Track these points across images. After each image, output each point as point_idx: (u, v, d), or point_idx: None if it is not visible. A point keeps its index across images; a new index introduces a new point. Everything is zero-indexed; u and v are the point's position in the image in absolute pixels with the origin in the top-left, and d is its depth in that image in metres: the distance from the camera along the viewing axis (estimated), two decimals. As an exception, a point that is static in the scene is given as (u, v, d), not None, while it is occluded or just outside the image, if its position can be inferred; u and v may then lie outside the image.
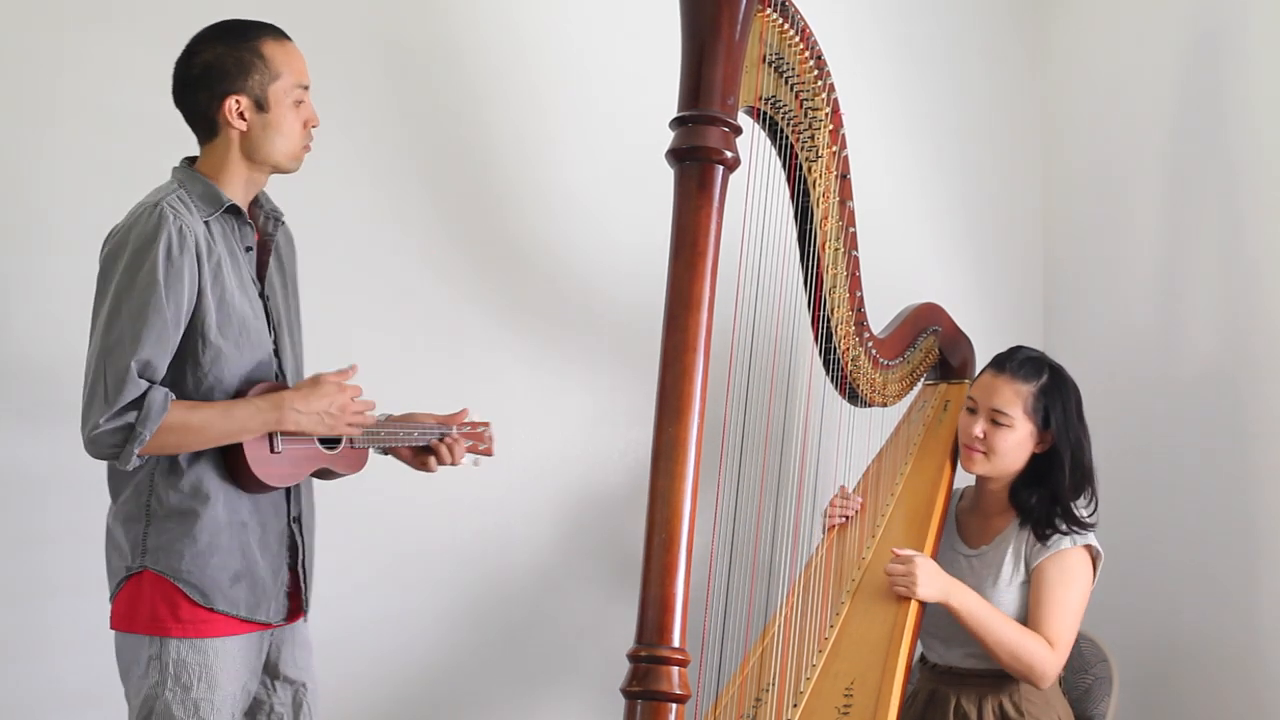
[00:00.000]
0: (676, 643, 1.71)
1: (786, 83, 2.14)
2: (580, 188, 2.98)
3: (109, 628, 1.99)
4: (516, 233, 2.94)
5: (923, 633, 2.46)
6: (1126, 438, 3.10)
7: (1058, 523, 2.38)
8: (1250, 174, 2.93)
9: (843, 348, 2.45)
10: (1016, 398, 2.41)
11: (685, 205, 1.82)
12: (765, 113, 2.14)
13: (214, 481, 1.95)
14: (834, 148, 2.27)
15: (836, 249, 2.35)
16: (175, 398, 1.89)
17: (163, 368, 1.90)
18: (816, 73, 2.17)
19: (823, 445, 2.63)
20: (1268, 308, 2.87)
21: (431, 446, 2.20)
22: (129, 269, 1.89)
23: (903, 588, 2.28)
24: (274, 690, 2.11)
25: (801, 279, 2.35)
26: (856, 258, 2.41)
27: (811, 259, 2.32)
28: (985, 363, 2.59)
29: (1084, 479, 2.42)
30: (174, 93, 2.03)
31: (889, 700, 2.10)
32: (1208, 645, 2.98)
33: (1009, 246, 3.57)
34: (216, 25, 2.03)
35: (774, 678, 2.19)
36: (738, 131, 1.87)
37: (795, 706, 2.14)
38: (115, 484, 2.00)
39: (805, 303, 2.39)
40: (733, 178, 1.86)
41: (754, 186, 2.10)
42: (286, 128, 2.02)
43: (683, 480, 1.73)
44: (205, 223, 1.96)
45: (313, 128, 2.08)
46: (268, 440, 1.97)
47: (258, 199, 2.10)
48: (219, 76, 1.98)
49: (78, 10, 2.52)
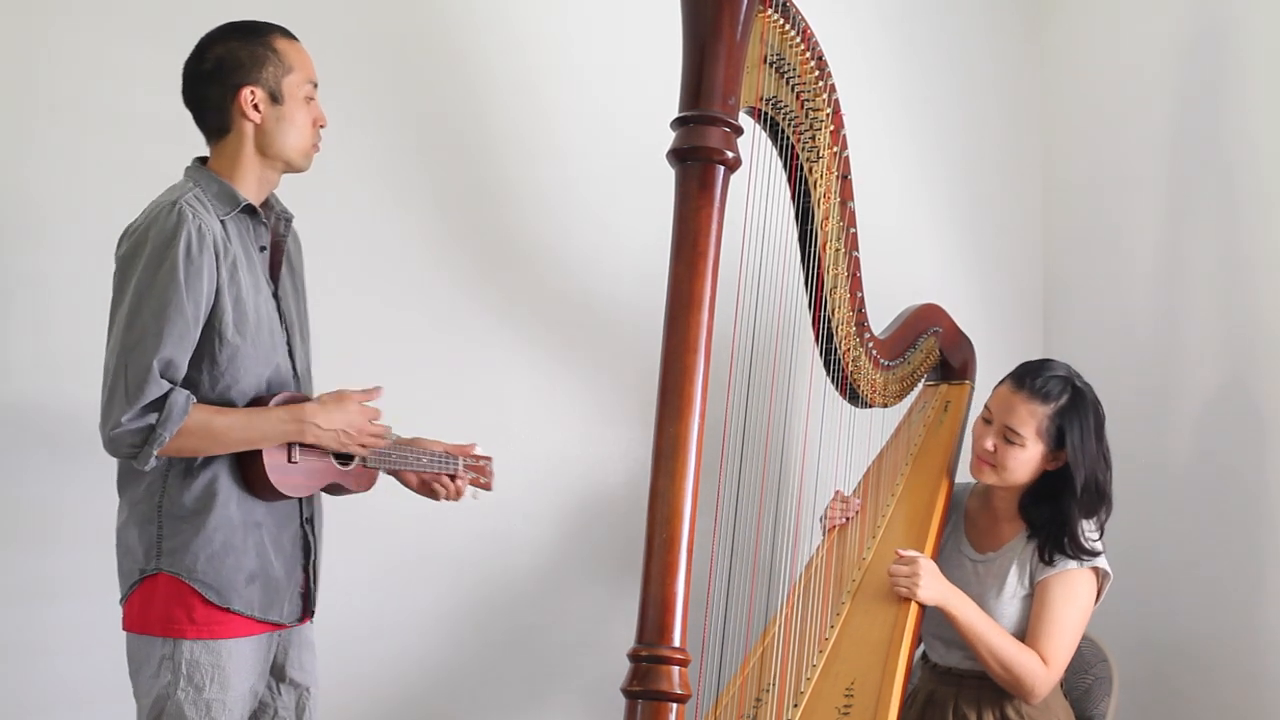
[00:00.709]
0: (677, 642, 1.71)
1: (787, 83, 2.14)
2: (581, 188, 2.98)
3: (121, 629, 1.99)
4: (517, 233, 2.95)
5: (925, 633, 2.46)
6: (1126, 438, 3.10)
7: (1065, 547, 2.34)
8: (1250, 173, 2.93)
9: (843, 348, 2.45)
10: (1031, 418, 2.36)
11: (686, 205, 1.82)
12: (766, 113, 2.15)
13: (227, 483, 1.96)
14: (835, 148, 2.27)
15: (837, 249, 2.35)
16: (195, 400, 1.90)
17: (184, 366, 1.90)
18: (817, 73, 2.17)
19: (823, 445, 2.63)
20: (1267, 307, 2.87)
21: (439, 480, 2.22)
22: (149, 267, 1.89)
23: (904, 589, 2.27)
24: (279, 693, 2.11)
25: (802, 279, 2.35)
26: (857, 258, 2.41)
27: (812, 259, 2.32)
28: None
29: (1097, 501, 2.37)
30: (184, 91, 2.03)
31: (889, 701, 2.10)
32: (1208, 646, 2.98)
33: (1009, 247, 3.57)
34: (226, 25, 2.04)
35: (774, 678, 2.20)
36: (739, 132, 1.87)
37: (795, 707, 2.14)
38: (126, 485, 1.99)
39: (806, 303, 2.38)
40: (734, 178, 1.86)
41: (755, 187, 2.10)
42: (300, 121, 2.04)
43: (683, 480, 1.73)
44: (221, 221, 1.97)
45: (321, 127, 2.09)
46: (286, 450, 1.98)
47: (268, 200, 2.10)
48: (233, 69, 1.99)
49: (82, 9, 2.52)
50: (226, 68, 1.99)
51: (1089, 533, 2.36)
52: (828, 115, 2.22)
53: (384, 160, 2.80)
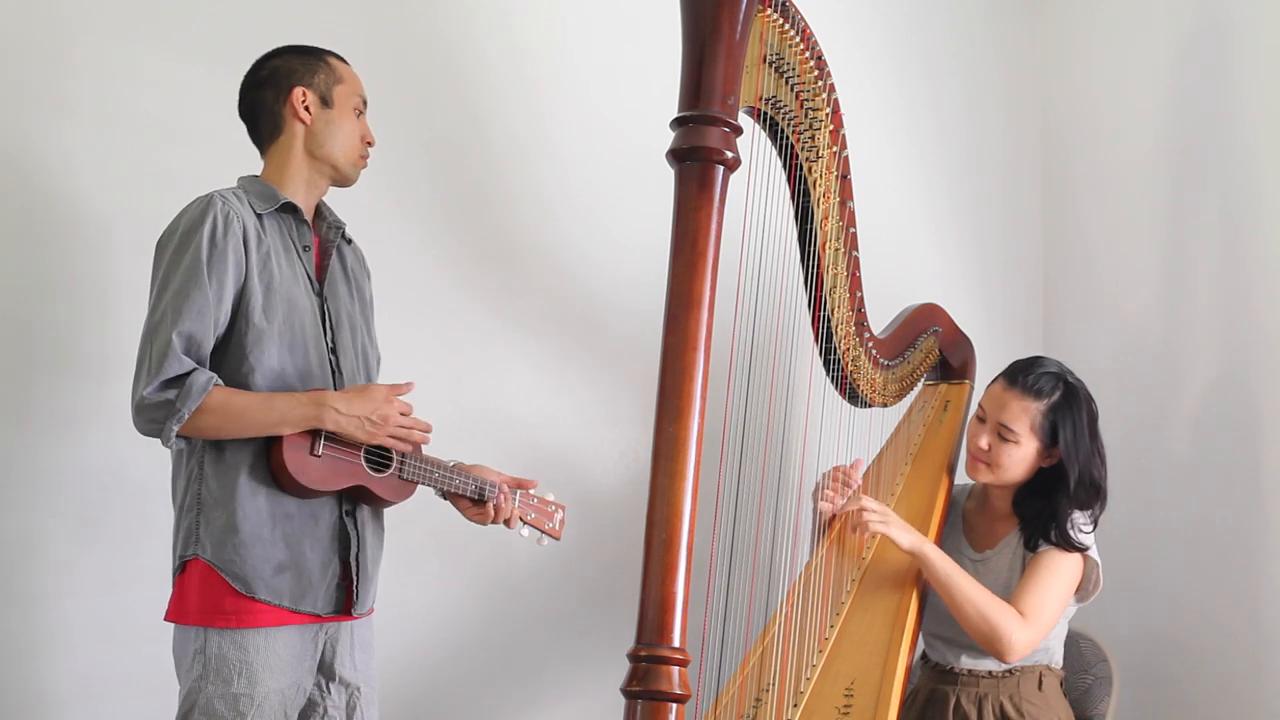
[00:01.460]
0: (676, 642, 1.70)
1: (787, 83, 2.14)
2: (580, 188, 2.98)
3: (164, 619, 2.03)
4: (516, 233, 2.95)
5: (924, 633, 2.46)
6: (1125, 438, 3.11)
7: (1051, 536, 2.36)
8: (1249, 173, 2.94)
9: (843, 348, 2.45)
10: (1024, 415, 2.39)
11: (686, 205, 1.82)
12: (766, 113, 2.15)
13: (257, 473, 1.98)
14: (834, 148, 2.27)
15: (837, 249, 2.35)
16: (221, 382, 1.93)
17: (206, 342, 1.94)
18: (817, 73, 2.17)
19: (823, 445, 2.63)
20: (1268, 307, 2.87)
21: (487, 503, 2.22)
22: (175, 253, 1.97)
23: (877, 524, 2.31)
24: (328, 692, 2.11)
25: (802, 279, 2.35)
26: (857, 258, 2.41)
27: (812, 259, 2.32)
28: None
29: (1091, 496, 2.39)
30: (240, 101, 2.14)
31: (889, 700, 2.10)
32: (1208, 645, 2.98)
33: (1009, 247, 3.57)
34: (283, 45, 2.16)
35: (774, 678, 2.20)
36: (738, 132, 1.87)
37: (795, 706, 2.14)
38: (174, 473, 2.05)
39: (805, 303, 2.38)
40: (733, 178, 1.86)
41: (754, 186, 2.10)
42: (348, 128, 2.14)
43: (683, 479, 1.73)
44: (259, 216, 2.04)
45: (368, 144, 2.19)
46: (309, 441, 1.99)
47: (320, 210, 2.18)
48: (287, 74, 2.11)
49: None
50: (281, 73, 2.12)
51: (1082, 524, 2.38)
52: (827, 115, 2.22)
53: (383, 161, 2.79)
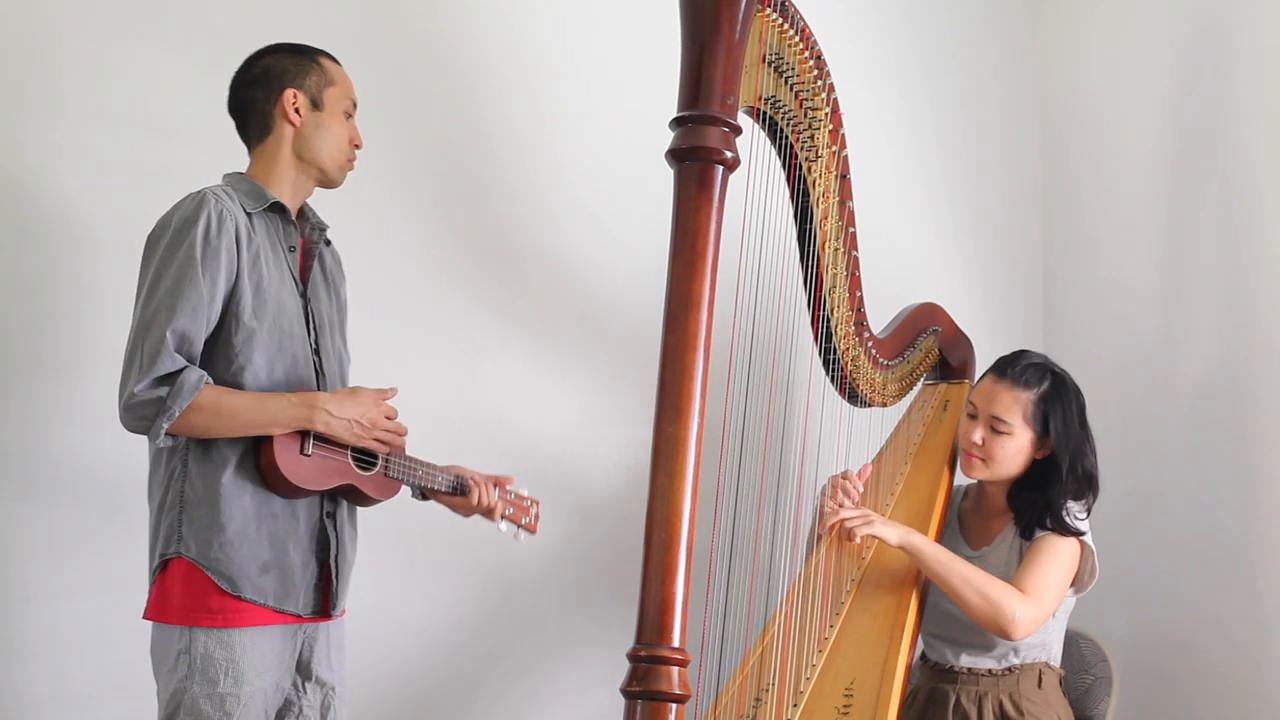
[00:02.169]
0: (676, 642, 1.70)
1: (786, 83, 2.14)
2: (580, 188, 2.98)
3: (142, 618, 2.01)
4: (515, 233, 2.94)
5: (924, 633, 2.46)
6: (1126, 438, 3.11)
7: (1047, 523, 2.37)
8: (1249, 173, 2.94)
9: (842, 347, 2.45)
10: (1016, 405, 2.40)
11: (685, 205, 1.82)
12: (765, 113, 2.14)
13: (243, 471, 1.97)
14: (834, 147, 2.27)
15: (836, 249, 2.35)
16: (211, 381, 1.93)
17: (198, 340, 1.94)
18: (816, 73, 2.17)
19: (823, 445, 2.63)
20: (1268, 306, 2.87)
21: (464, 489, 2.25)
22: (169, 248, 1.95)
23: (860, 526, 2.30)
24: (304, 692, 2.11)
25: (801, 279, 2.35)
26: (856, 257, 2.41)
27: (811, 259, 2.32)
28: (986, 363, 2.59)
29: (1084, 485, 2.41)
30: (230, 98, 2.14)
31: (889, 700, 2.10)
32: (1208, 645, 2.98)
33: (1009, 246, 3.57)
34: (275, 43, 2.15)
35: (774, 678, 2.20)
36: (737, 131, 1.86)
37: (795, 706, 2.14)
38: (153, 472, 2.03)
39: (805, 302, 2.38)
40: (733, 178, 1.86)
41: (754, 186, 2.10)
42: (337, 131, 2.13)
43: (683, 479, 1.73)
44: (248, 215, 2.03)
45: (357, 147, 2.17)
46: (299, 441, 1.99)
47: (303, 211, 2.17)
48: (278, 74, 2.11)
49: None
50: (273, 73, 2.11)
51: (1077, 513, 2.39)
52: (826, 114, 2.22)
53: (383, 161, 2.79)
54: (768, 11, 2.02)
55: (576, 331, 2.99)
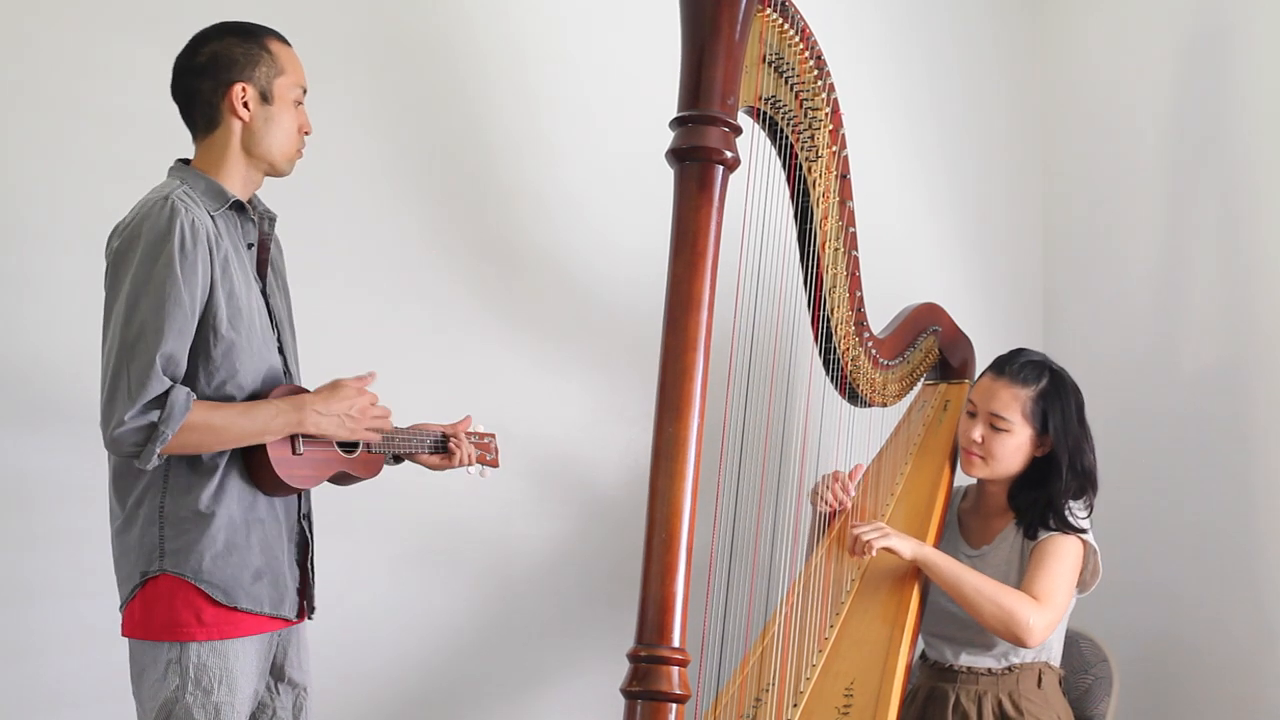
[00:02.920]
0: (676, 643, 1.70)
1: (786, 83, 2.14)
2: (580, 188, 2.98)
3: (121, 635, 1.97)
4: (516, 233, 2.94)
5: (924, 631, 2.46)
6: (1127, 437, 3.10)
7: (1050, 522, 2.38)
8: (1250, 173, 2.93)
9: (843, 348, 2.45)
10: (1015, 402, 2.41)
11: (685, 205, 1.82)
12: (765, 113, 2.14)
13: (228, 481, 1.94)
14: (834, 147, 2.27)
15: (836, 249, 2.35)
16: (195, 397, 1.88)
17: (184, 361, 1.89)
18: (816, 73, 2.17)
19: (823, 445, 2.63)
20: (1268, 307, 2.87)
21: (446, 448, 2.25)
22: (144, 262, 1.87)
23: (875, 540, 2.29)
24: (278, 693, 2.10)
25: (801, 279, 2.35)
26: (856, 258, 2.41)
27: (811, 259, 2.32)
28: (986, 363, 2.59)
29: (1084, 483, 2.42)
30: (174, 84, 2.03)
31: (889, 700, 2.10)
32: (1208, 645, 2.98)
33: (1009, 246, 3.57)
34: (222, 23, 2.04)
35: (774, 678, 2.20)
36: (738, 131, 1.87)
37: (795, 706, 2.14)
38: (122, 487, 1.95)
39: (805, 302, 2.38)
40: (733, 178, 1.86)
41: (754, 186, 2.10)
42: (286, 124, 2.04)
43: (683, 479, 1.73)
44: (211, 217, 1.96)
45: (306, 134, 2.09)
46: (290, 442, 1.97)
47: (251, 200, 2.09)
48: (227, 65, 1.99)
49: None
50: (221, 63, 1.99)
51: (1078, 512, 2.40)
52: (827, 114, 2.22)
53: (383, 160, 2.80)
54: (768, 11, 2.02)
55: (576, 331, 2.99)
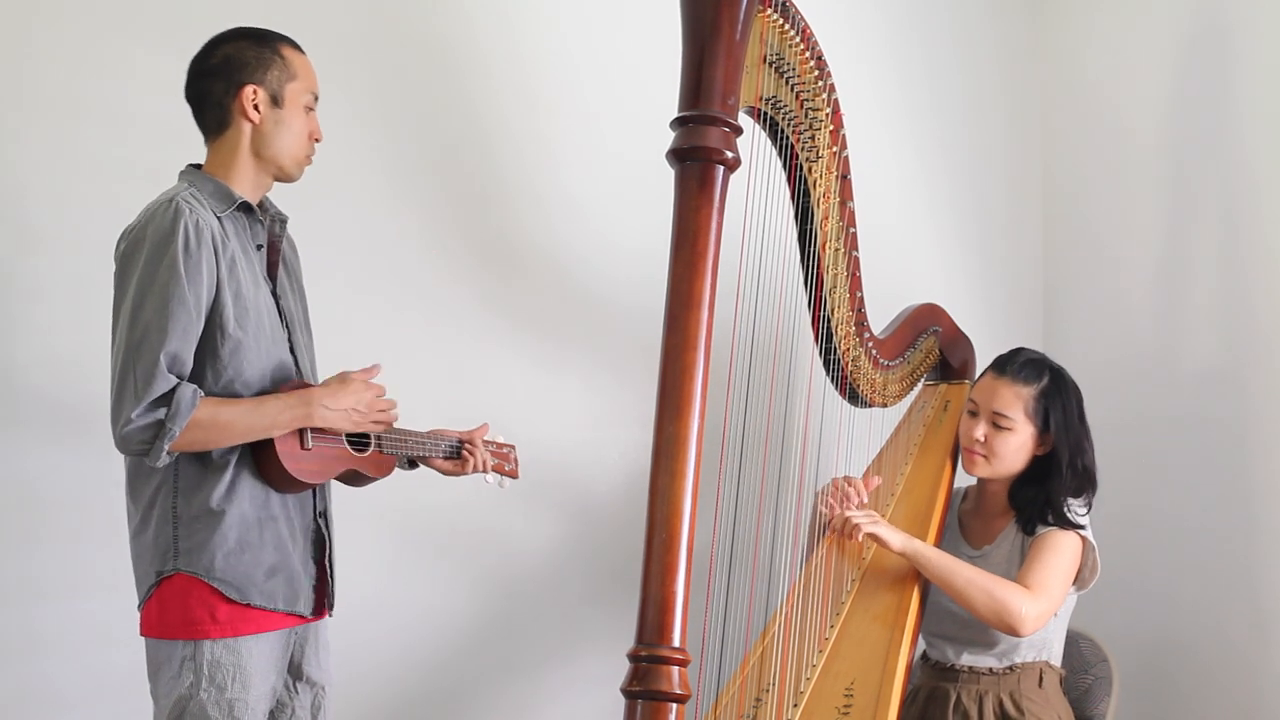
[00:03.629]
0: (677, 642, 1.70)
1: (787, 83, 2.14)
2: (580, 188, 2.98)
3: (139, 634, 1.98)
4: (516, 233, 2.94)
5: (925, 631, 2.46)
6: (1126, 437, 3.10)
7: (1049, 518, 2.38)
8: (1249, 173, 2.93)
9: (843, 348, 2.45)
10: (1017, 400, 2.41)
11: (686, 205, 1.82)
12: (766, 113, 2.15)
13: (240, 478, 1.95)
14: (834, 148, 2.27)
15: (837, 249, 2.35)
16: (203, 394, 1.90)
17: (189, 360, 1.90)
18: (817, 73, 2.17)
19: (823, 445, 2.63)
20: (1268, 307, 2.87)
21: (460, 454, 2.26)
22: (149, 263, 1.89)
23: (869, 525, 2.30)
24: (296, 692, 2.11)
25: (802, 279, 2.35)
26: (857, 258, 2.41)
27: (812, 259, 2.32)
28: (987, 362, 2.60)
29: (1083, 481, 2.43)
30: (188, 85, 2.05)
31: (889, 700, 2.10)
32: (1207, 645, 2.98)
33: (1009, 246, 3.57)
34: (238, 28, 2.07)
35: (774, 678, 2.20)
36: (738, 132, 1.87)
37: (795, 706, 2.14)
38: (137, 488, 1.97)
39: (805, 303, 2.39)
40: (733, 178, 1.86)
41: (754, 186, 2.10)
42: (296, 129, 2.06)
43: (683, 479, 1.73)
44: (218, 219, 1.98)
45: (316, 141, 2.10)
46: (298, 437, 1.98)
47: (262, 202, 2.11)
48: (238, 67, 2.02)
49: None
50: (233, 65, 2.02)
51: (1077, 509, 2.40)
52: (827, 115, 2.22)
53: (384, 161, 2.80)
54: (768, 12, 2.02)
55: (577, 331, 2.99)
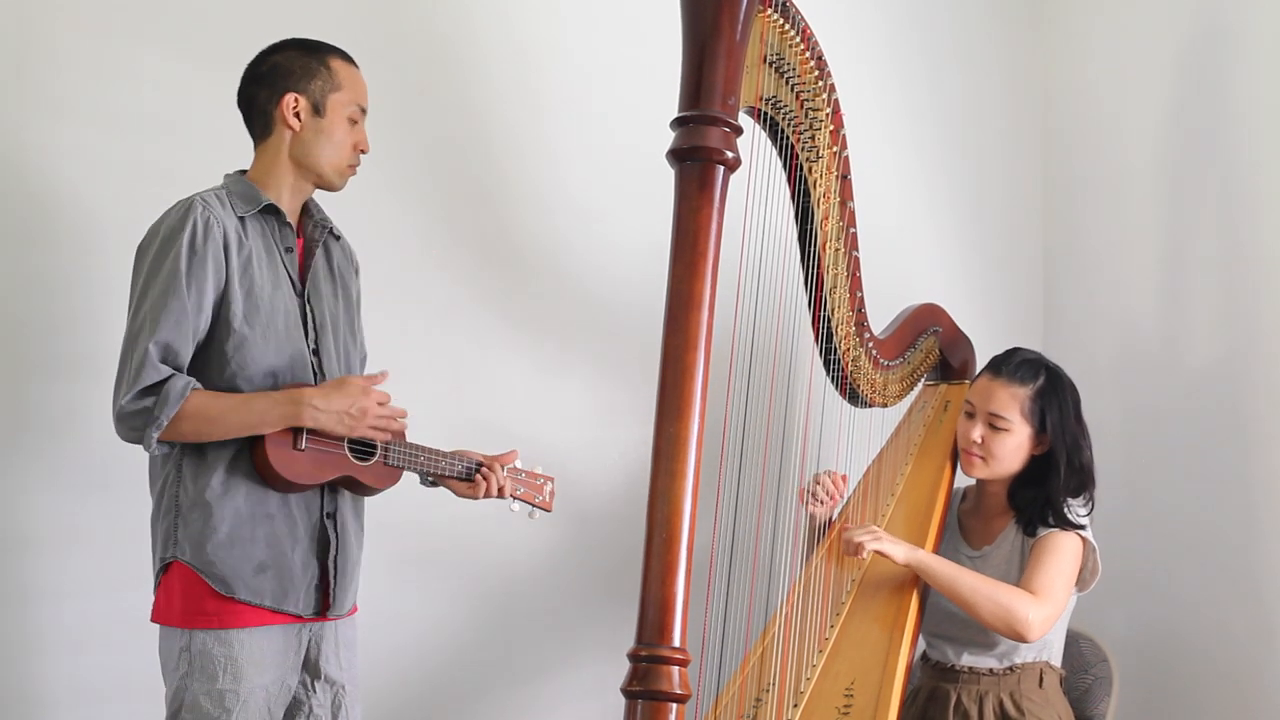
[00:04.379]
0: (677, 642, 1.70)
1: (787, 83, 2.14)
2: (581, 188, 2.98)
3: (150, 621, 2.03)
4: (515, 233, 2.95)
5: (925, 631, 2.46)
6: (1126, 437, 3.11)
7: (1049, 519, 2.38)
8: (1249, 173, 2.94)
9: (843, 348, 2.45)
10: (1013, 401, 2.41)
11: (686, 205, 1.82)
12: (766, 113, 2.15)
13: (238, 474, 1.98)
14: (834, 148, 2.27)
15: (837, 249, 2.36)
16: (200, 386, 1.94)
17: (184, 351, 1.95)
18: (817, 73, 2.17)
19: (823, 445, 2.63)
20: (1268, 305, 2.87)
21: (475, 476, 2.24)
22: (155, 259, 1.96)
23: (873, 543, 2.30)
24: (313, 691, 2.12)
25: (802, 279, 2.35)
26: (857, 258, 2.41)
27: (812, 259, 2.32)
28: (984, 361, 2.59)
29: (1082, 480, 2.42)
30: (239, 90, 2.12)
31: (889, 700, 2.11)
32: (1208, 645, 2.98)
33: (1009, 247, 3.57)
34: (292, 38, 2.13)
35: (774, 678, 2.20)
36: (738, 132, 1.86)
37: (795, 707, 2.14)
38: (152, 478, 2.05)
39: (806, 303, 2.39)
40: (733, 178, 1.86)
41: (754, 187, 2.10)
42: (338, 138, 2.10)
43: (683, 479, 1.73)
44: (241, 219, 2.03)
45: (362, 152, 2.15)
46: (291, 437, 1.99)
47: (308, 208, 2.17)
48: (284, 75, 2.08)
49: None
50: (279, 73, 2.09)
51: (1077, 509, 2.40)
52: (827, 115, 2.22)
53: (383, 161, 2.78)
54: (769, 12, 2.02)
55: (577, 331, 2.99)
